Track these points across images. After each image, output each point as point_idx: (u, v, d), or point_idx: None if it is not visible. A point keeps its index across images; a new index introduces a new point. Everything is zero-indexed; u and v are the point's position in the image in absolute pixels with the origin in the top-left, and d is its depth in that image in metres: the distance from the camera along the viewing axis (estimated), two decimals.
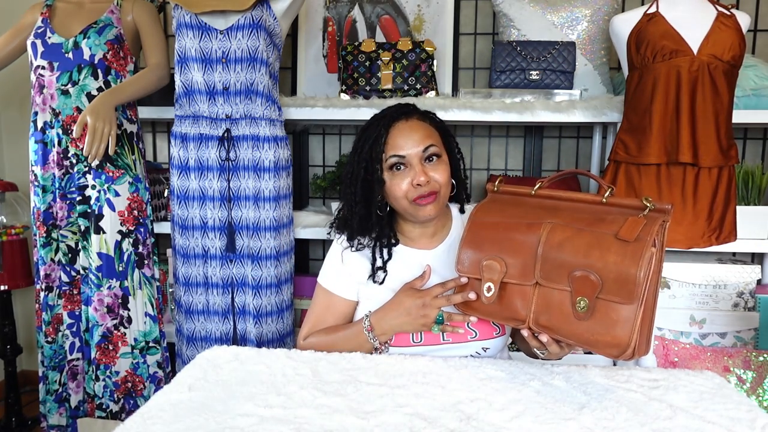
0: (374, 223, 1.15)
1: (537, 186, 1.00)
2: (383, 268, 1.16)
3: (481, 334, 1.11)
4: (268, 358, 1.05)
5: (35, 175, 1.75)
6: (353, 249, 1.18)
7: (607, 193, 0.91)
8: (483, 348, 1.12)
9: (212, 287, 1.72)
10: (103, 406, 1.75)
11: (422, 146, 1.09)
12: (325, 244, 2.29)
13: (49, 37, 1.69)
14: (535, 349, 0.99)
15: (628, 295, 0.80)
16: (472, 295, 1.00)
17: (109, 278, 1.72)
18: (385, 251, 1.16)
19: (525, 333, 0.94)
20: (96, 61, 1.68)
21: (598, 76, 1.96)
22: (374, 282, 1.16)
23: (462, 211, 1.24)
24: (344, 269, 1.19)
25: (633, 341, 0.81)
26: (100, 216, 1.70)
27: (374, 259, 1.16)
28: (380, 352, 1.12)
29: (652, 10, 1.59)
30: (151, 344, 1.79)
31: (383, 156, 1.10)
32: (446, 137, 1.17)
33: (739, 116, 1.67)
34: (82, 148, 1.65)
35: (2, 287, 2.00)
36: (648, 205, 0.85)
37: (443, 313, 1.07)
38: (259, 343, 1.71)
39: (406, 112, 1.14)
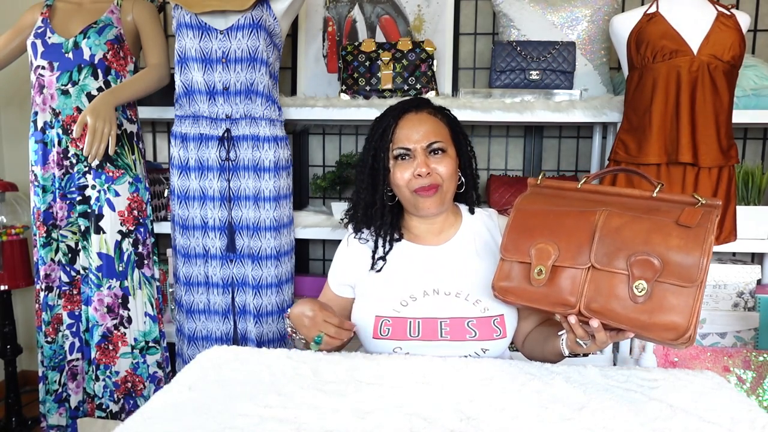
0: (378, 211, 1.17)
1: (582, 181, 1.03)
2: (383, 257, 1.17)
3: (481, 334, 1.10)
4: (268, 358, 1.05)
5: (35, 175, 1.75)
6: (357, 237, 1.21)
7: (657, 188, 0.94)
8: (482, 349, 1.11)
9: (213, 287, 1.72)
10: (103, 406, 1.75)
11: (427, 140, 1.12)
12: (326, 244, 2.28)
13: (49, 37, 1.69)
14: (563, 346, 0.99)
15: (689, 279, 0.83)
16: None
17: (109, 278, 1.72)
18: (387, 241, 1.18)
19: (573, 320, 0.91)
20: (96, 61, 1.68)
21: (598, 76, 1.96)
22: (374, 271, 1.17)
23: (472, 212, 1.24)
24: (346, 263, 1.22)
25: (692, 325, 0.83)
26: (100, 216, 1.70)
27: (375, 248, 1.18)
28: (291, 339, 1.13)
29: (652, 10, 1.58)
30: (151, 344, 1.79)
31: (390, 145, 1.14)
32: (456, 134, 1.19)
33: (739, 116, 1.67)
34: (82, 148, 1.65)
35: (2, 287, 2.00)
36: (700, 200, 0.89)
37: (323, 336, 1.04)
38: (260, 343, 1.71)
39: (417, 105, 1.17)
